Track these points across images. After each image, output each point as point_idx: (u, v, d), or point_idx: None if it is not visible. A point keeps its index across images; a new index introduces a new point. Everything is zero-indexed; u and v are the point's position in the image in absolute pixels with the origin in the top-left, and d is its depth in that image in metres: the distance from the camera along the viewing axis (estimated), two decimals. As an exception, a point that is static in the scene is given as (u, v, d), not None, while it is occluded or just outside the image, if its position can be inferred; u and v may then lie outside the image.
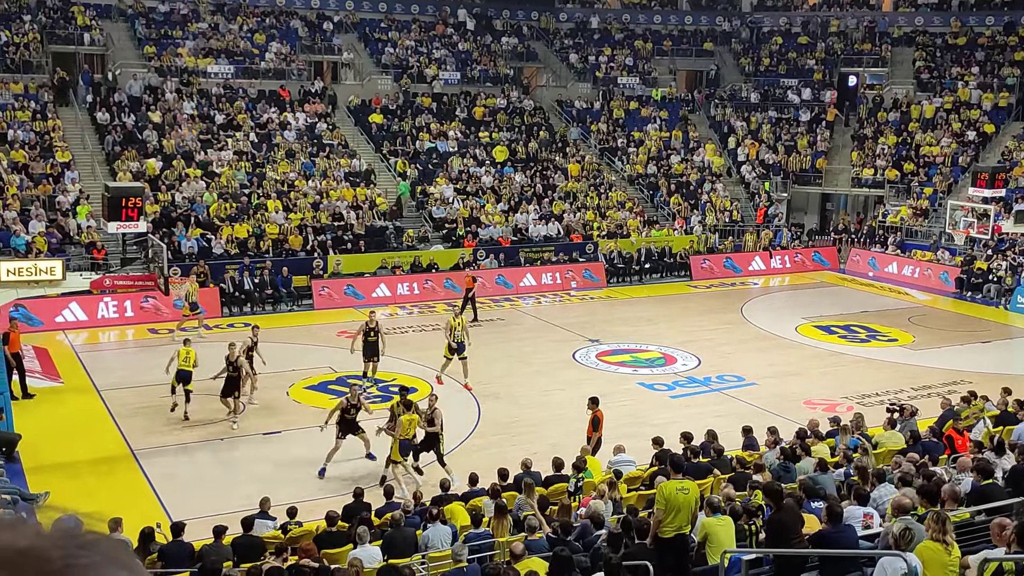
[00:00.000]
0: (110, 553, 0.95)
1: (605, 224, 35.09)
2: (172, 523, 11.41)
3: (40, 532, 0.93)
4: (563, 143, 39.83)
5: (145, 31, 37.41)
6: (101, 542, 0.95)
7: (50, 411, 18.54)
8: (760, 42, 47.27)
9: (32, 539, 0.92)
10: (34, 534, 0.93)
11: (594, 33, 46.63)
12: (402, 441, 14.69)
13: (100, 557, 0.93)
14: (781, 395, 20.05)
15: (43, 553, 0.91)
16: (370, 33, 41.93)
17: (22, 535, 0.93)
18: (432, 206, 33.87)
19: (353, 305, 28.14)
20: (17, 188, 28.88)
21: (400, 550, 10.84)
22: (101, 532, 0.98)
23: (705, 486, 12.45)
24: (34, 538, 0.93)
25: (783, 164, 40.43)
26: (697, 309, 29.40)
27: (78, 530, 0.96)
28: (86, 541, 0.94)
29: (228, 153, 33.32)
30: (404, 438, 14.71)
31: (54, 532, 0.94)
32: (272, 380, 20.57)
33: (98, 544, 0.94)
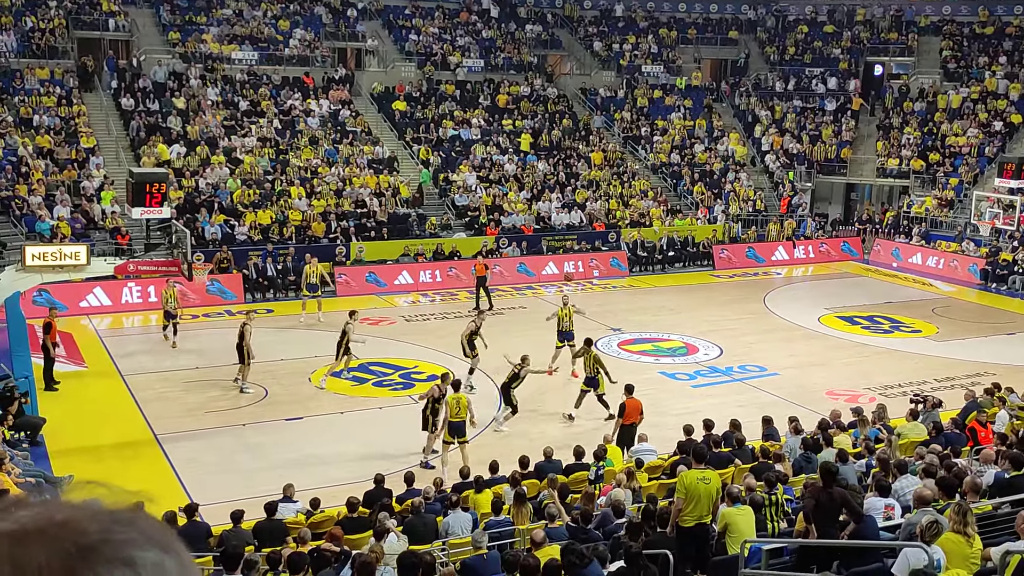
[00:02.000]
0: (148, 531, 0.96)
1: (628, 213, 34.97)
2: (186, 505, 11.50)
3: (77, 506, 0.95)
4: (586, 131, 39.69)
5: (170, 17, 37.55)
6: (139, 519, 0.96)
7: (74, 395, 18.73)
8: (786, 31, 46.86)
9: (69, 512, 0.94)
10: (71, 508, 0.94)
11: (619, 21, 46.38)
12: (451, 422, 14.88)
13: (137, 534, 0.94)
14: (803, 386, 19.95)
15: (80, 526, 0.92)
16: (394, 20, 41.90)
17: (59, 509, 0.94)
18: (455, 194, 33.87)
19: (375, 292, 28.22)
20: (42, 173, 29.11)
21: (421, 536, 10.88)
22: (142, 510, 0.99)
23: (726, 476, 12.42)
24: (71, 511, 0.94)
25: (808, 154, 40.12)
26: (720, 299, 29.26)
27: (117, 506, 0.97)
28: (124, 517, 0.95)
29: (252, 140, 33.44)
30: (454, 420, 14.85)
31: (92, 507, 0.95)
32: (294, 366, 20.70)
33: (136, 521, 0.95)
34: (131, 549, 0.92)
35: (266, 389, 19.16)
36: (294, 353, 21.68)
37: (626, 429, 15.31)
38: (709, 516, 9.21)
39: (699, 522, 9.06)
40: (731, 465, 12.87)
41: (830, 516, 8.58)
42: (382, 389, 19.12)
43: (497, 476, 12.99)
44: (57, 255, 17.62)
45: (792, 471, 12.66)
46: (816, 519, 8.61)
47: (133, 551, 0.92)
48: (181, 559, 0.97)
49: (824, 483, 8.88)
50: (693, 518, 9.07)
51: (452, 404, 14.99)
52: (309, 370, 20.42)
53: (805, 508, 9.09)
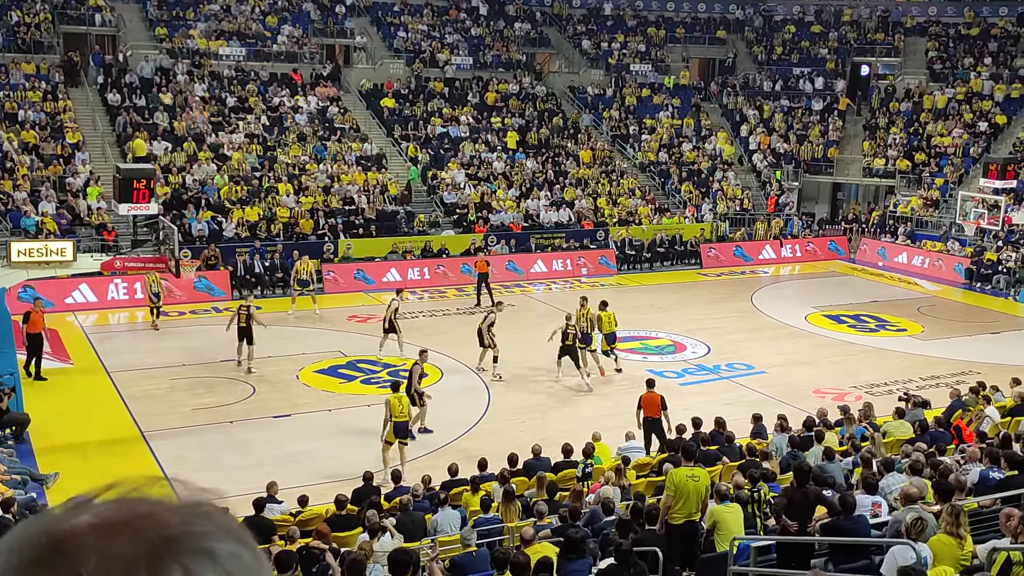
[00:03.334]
0: (224, 524, 1.00)
1: (616, 211, 35.02)
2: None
3: (160, 500, 0.99)
4: (575, 129, 39.72)
5: (156, 12, 37.36)
6: (215, 513, 1.01)
7: (60, 392, 18.62)
8: (773, 30, 47.02)
9: (152, 506, 0.98)
10: (151, 502, 0.99)
11: (607, 19, 46.43)
12: (396, 423, 14.77)
13: (215, 527, 0.98)
14: (790, 384, 20.04)
15: (162, 519, 0.96)
16: (383, 17, 41.82)
17: (139, 502, 0.98)
18: (443, 191, 33.84)
19: (363, 289, 28.18)
20: (27, 169, 28.93)
21: (410, 534, 10.88)
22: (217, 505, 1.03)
23: (714, 473, 12.47)
24: (154, 505, 0.98)
25: (795, 153, 40.28)
26: (707, 297, 29.34)
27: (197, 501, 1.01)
28: (203, 511, 1.00)
29: (239, 136, 33.32)
30: (398, 420, 14.77)
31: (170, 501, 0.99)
32: (282, 364, 20.66)
33: (213, 515, 1.00)
34: (211, 541, 0.96)
35: (253, 387, 19.11)
36: (282, 350, 21.61)
37: (648, 422, 15.37)
38: (698, 514, 9.25)
39: (688, 520, 9.09)
40: (719, 463, 12.92)
41: (804, 514, 8.63)
42: (370, 387, 19.08)
43: (486, 474, 12.99)
44: (43, 251, 17.52)
45: (780, 469, 12.71)
46: (790, 518, 8.66)
47: (213, 543, 0.96)
48: (255, 552, 1.01)
49: (797, 482, 8.94)
50: (682, 516, 9.10)
51: (395, 404, 14.85)
52: (297, 367, 20.38)
53: (778, 507, 9.14)
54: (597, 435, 14.20)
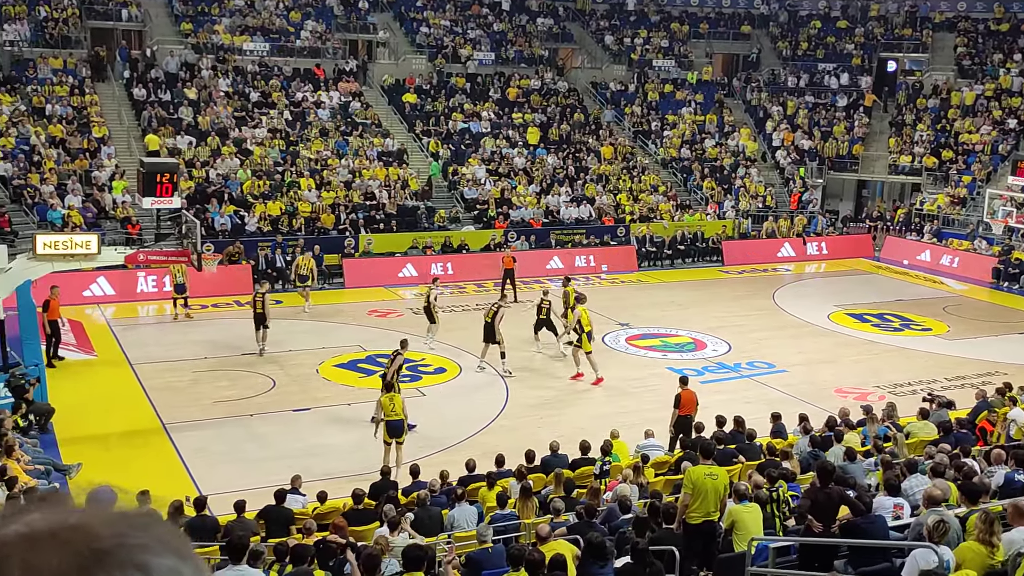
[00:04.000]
0: (163, 536, 0.94)
1: (637, 207, 34.89)
2: (195, 498, 11.52)
3: (91, 510, 0.93)
4: (596, 125, 39.59)
5: (182, 8, 37.57)
6: (154, 525, 0.95)
7: (83, 384, 18.79)
8: (798, 26, 46.65)
9: (82, 516, 0.93)
10: (84, 511, 0.93)
11: (630, 15, 46.24)
12: (389, 422, 14.67)
13: (152, 539, 0.93)
14: (812, 383, 19.88)
15: (93, 530, 0.91)
16: (405, 12, 41.85)
17: (72, 512, 0.93)
18: (464, 187, 33.83)
19: (384, 284, 28.23)
20: (54, 162, 29.19)
21: (427, 529, 10.88)
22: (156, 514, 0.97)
23: (732, 473, 12.39)
24: (84, 515, 0.93)
25: (819, 150, 39.96)
26: (728, 295, 29.17)
27: (131, 510, 0.95)
28: (139, 522, 0.94)
29: (262, 131, 33.46)
30: (391, 419, 14.69)
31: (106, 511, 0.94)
32: (302, 357, 20.75)
33: (151, 526, 0.94)
34: (146, 554, 0.91)
35: (274, 380, 19.18)
36: (302, 344, 21.72)
37: (683, 419, 15.28)
38: (717, 513, 9.16)
39: (707, 519, 9.02)
40: (736, 461, 12.84)
41: (828, 515, 8.53)
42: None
43: (503, 470, 12.97)
44: (68, 244, 17.65)
45: (800, 468, 12.61)
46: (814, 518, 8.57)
47: (148, 556, 0.91)
48: (197, 566, 0.96)
49: (821, 481, 8.84)
50: (700, 515, 9.02)
51: (387, 404, 14.76)
52: (317, 361, 20.45)
53: (801, 508, 9.05)
54: (615, 432, 14.13)
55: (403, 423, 14.68)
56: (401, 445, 14.72)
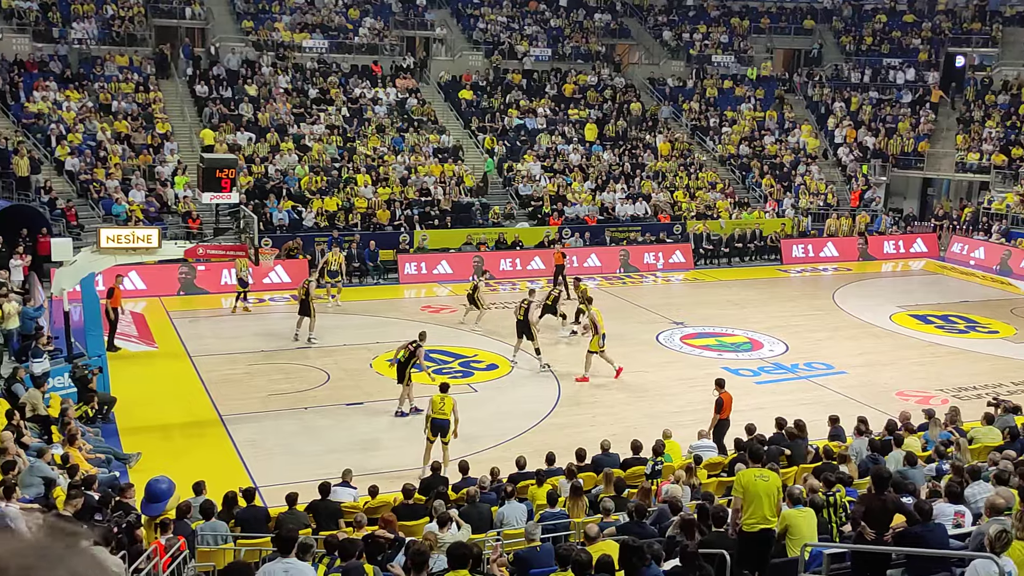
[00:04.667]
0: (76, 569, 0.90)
1: (694, 205, 34.53)
2: (245, 488, 11.65)
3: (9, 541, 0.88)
4: (653, 122, 39.27)
5: (244, 6, 38.11)
6: (70, 557, 0.90)
7: (144, 375, 19.15)
8: (863, 20, 45.73)
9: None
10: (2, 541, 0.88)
11: (689, 10, 45.78)
12: (434, 419, 14.69)
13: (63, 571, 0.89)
14: (872, 385, 19.47)
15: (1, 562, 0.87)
16: (463, 9, 41.94)
17: None
18: (519, 183, 33.80)
19: (438, 280, 28.33)
20: (119, 158, 29.82)
21: (475, 525, 10.86)
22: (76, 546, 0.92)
23: (788, 476, 12.18)
24: None
25: (883, 147, 39.14)
26: (786, 294, 28.74)
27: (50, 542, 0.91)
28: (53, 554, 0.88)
29: (320, 127, 33.81)
30: (437, 416, 14.70)
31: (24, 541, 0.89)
32: (356, 352, 20.90)
33: (66, 559, 0.89)
34: None
35: (328, 374, 19.36)
36: (356, 339, 21.89)
37: (723, 423, 15.10)
38: (774, 520, 8.90)
39: (764, 527, 8.77)
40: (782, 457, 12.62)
41: (882, 522, 8.30)
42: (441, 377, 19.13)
43: (553, 468, 12.90)
44: (130, 238, 18.00)
45: (858, 473, 12.33)
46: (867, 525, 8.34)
47: None
48: None
49: (876, 488, 8.61)
50: (756, 520, 8.78)
51: (436, 402, 14.77)
52: (371, 356, 20.58)
53: (855, 515, 8.82)
54: (668, 432, 13.98)
55: (449, 423, 14.65)
56: (447, 444, 14.72)
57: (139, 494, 11.70)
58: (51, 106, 30.77)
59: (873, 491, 8.72)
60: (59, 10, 34.40)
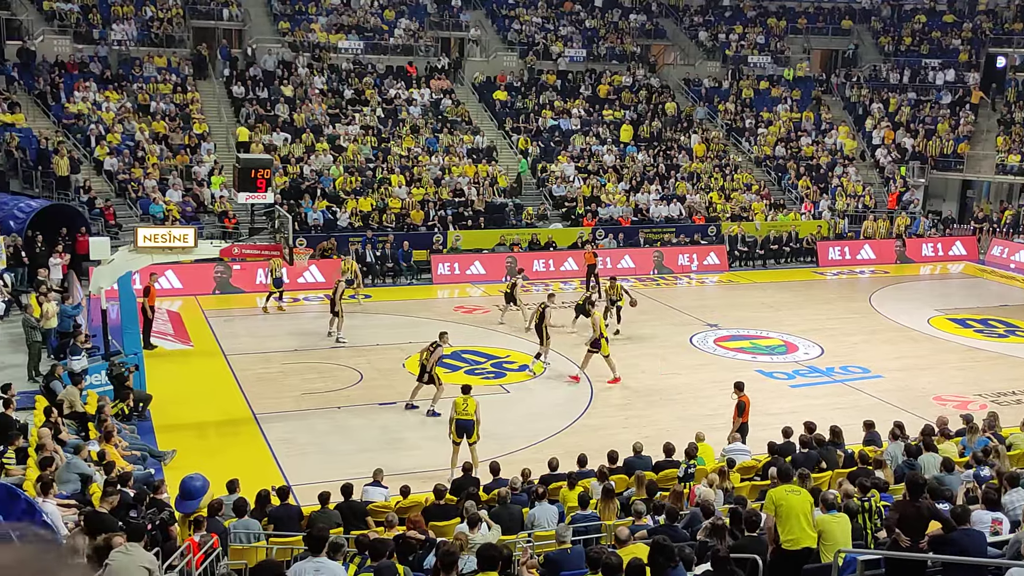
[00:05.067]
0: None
1: (729, 206, 34.30)
2: (279, 487, 11.72)
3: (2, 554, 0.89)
4: (688, 122, 39.06)
5: (280, 7, 38.41)
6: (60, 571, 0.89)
7: (179, 373, 19.35)
8: (902, 20, 45.17)
9: None
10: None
11: (725, 10, 45.48)
12: (458, 420, 14.68)
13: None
14: (909, 389, 19.22)
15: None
16: (497, 9, 41.97)
17: None
18: (552, 184, 33.77)
19: (471, 280, 28.37)
20: (157, 158, 30.17)
21: (506, 527, 10.85)
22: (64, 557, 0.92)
23: (822, 481, 12.05)
24: None
25: (921, 149, 38.63)
26: (822, 296, 28.46)
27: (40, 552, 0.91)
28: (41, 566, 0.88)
29: (355, 128, 33.99)
30: (461, 418, 14.69)
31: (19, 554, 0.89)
32: (389, 352, 20.98)
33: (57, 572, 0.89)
34: None
35: (361, 373, 19.45)
36: (388, 339, 21.97)
37: (744, 426, 15.01)
38: (813, 537, 8.67)
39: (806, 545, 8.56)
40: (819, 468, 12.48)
41: (916, 529, 8.17)
42: (474, 377, 19.16)
43: (585, 470, 12.86)
44: (167, 237, 18.19)
45: (894, 478, 12.17)
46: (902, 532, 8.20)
47: None
48: None
49: (910, 495, 8.48)
50: (796, 537, 8.52)
51: (459, 404, 14.76)
52: (403, 356, 20.65)
53: (889, 521, 8.68)
54: (701, 435, 13.87)
55: (474, 424, 14.63)
56: (474, 445, 14.71)
57: (173, 491, 11.82)
58: (91, 106, 31.21)
59: (908, 497, 8.60)
60: (99, 12, 34.88)
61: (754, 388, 18.82)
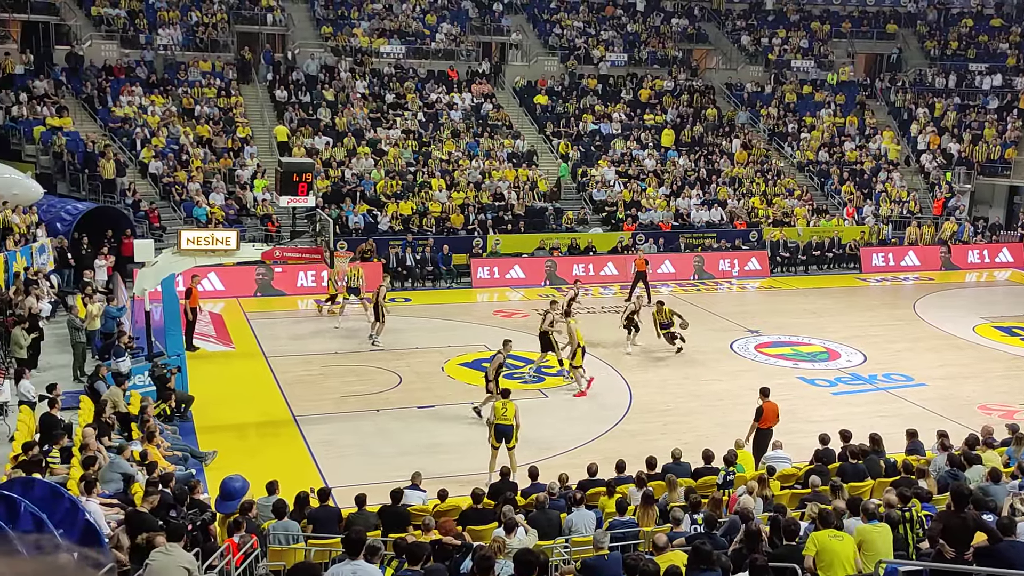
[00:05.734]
0: None
1: (771, 211, 34.00)
2: (319, 488, 11.79)
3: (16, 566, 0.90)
4: (730, 127, 38.79)
5: (323, 12, 38.76)
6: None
7: (221, 374, 19.56)
8: (948, 24, 44.52)
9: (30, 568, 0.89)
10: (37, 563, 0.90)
11: (768, 14, 45.11)
12: (497, 425, 14.66)
13: None
14: (953, 398, 18.90)
15: None
16: (539, 14, 42.00)
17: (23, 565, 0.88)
18: (593, 188, 33.71)
19: (510, 284, 28.39)
20: (201, 161, 30.57)
21: (544, 532, 10.83)
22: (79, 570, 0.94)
23: (863, 490, 11.90)
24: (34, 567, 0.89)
25: (967, 154, 38.01)
26: (865, 303, 28.10)
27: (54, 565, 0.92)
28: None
29: (396, 132, 34.19)
30: (500, 423, 14.65)
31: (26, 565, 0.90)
32: (428, 355, 21.04)
33: None
34: None
35: (400, 376, 19.53)
36: (428, 342, 22.05)
37: (762, 433, 14.82)
38: None
39: None
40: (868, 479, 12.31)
41: (961, 541, 8.01)
42: (512, 382, 19.16)
43: (623, 476, 12.80)
44: (209, 240, 18.44)
45: (937, 488, 11.97)
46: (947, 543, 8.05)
47: None
48: None
49: (955, 505, 8.32)
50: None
51: (499, 408, 14.73)
52: (442, 360, 20.70)
53: (933, 532, 8.53)
54: (740, 442, 13.75)
55: (513, 428, 14.59)
56: (513, 450, 14.69)
57: (214, 492, 11.94)
58: (136, 110, 31.70)
59: (953, 508, 8.46)
60: (146, 17, 35.43)
61: (795, 395, 18.71)
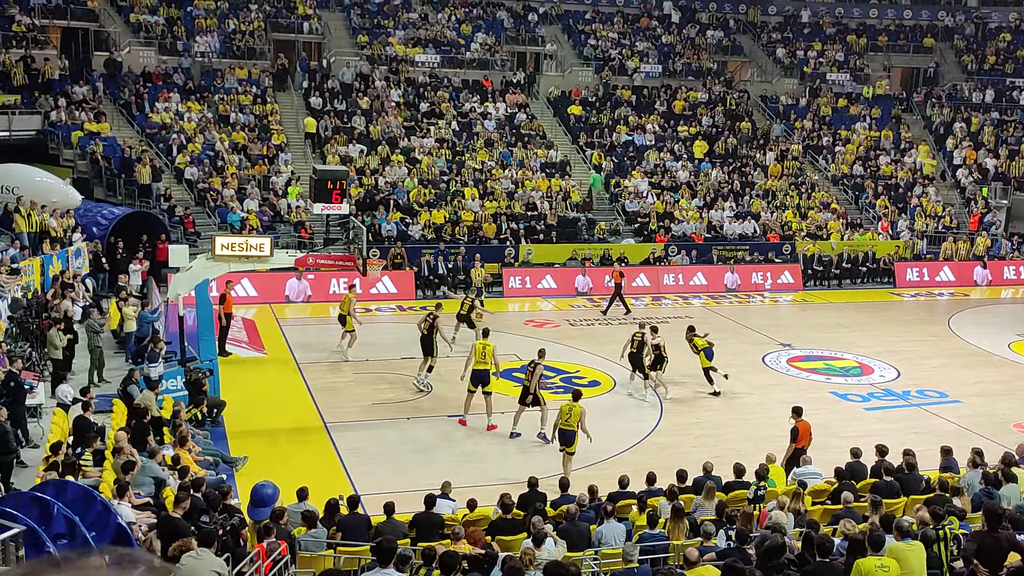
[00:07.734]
0: None
1: (805, 225, 33.76)
2: (349, 496, 11.83)
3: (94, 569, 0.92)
4: (764, 139, 38.59)
5: (359, 20, 39.05)
6: None
7: (253, 380, 19.69)
8: (986, 39, 44.07)
9: None
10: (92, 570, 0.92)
11: (804, 27, 44.88)
12: (562, 430, 14.79)
13: None
14: (988, 415, 18.64)
15: None
16: (574, 25, 42.06)
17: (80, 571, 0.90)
18: (625, 199, 33.65)
19: (542, 295, 28.38)
20: (236, 168, 30.87)
21: (573, 543, 10.80)
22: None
23: (896, 508, 11.76)
24: None
25: (1004, 169, 37.54)
26: (899, 318, 27.80)
27: None
28: None
29: (430, 140, 34.34)
30: (564, 428, 14.75)
31: None
32: (458, 364, 21.00)
33: None
34: None
35: (431, 385, 19.56)
36: (457, 351, 22.02)
37: (796, 452, 14.70)
38: None
39: None
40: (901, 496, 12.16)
41: (995, 560, 7.89)
42: (543, 392, 19.13)
43: (654, 488, 12.74)
44: (244, 246, 18.56)
45: (972, 507, 11.81)
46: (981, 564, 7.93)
47: None
48: None
49: (989, 525, 8.20)
50: None
51: (564, 411, 14.85)
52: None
53: (967, 552, 8.41)
54: (772, 456, 13.65)
55: (574, 434, 14.74)
56: (571, 456, 14.76)
57: (244, 497, 12.01)
58: (173, 117, 32.09)
59: (987, 527, 8.34)
60: (183, 24, 35.89)
61: (828, 410, 18.54)
